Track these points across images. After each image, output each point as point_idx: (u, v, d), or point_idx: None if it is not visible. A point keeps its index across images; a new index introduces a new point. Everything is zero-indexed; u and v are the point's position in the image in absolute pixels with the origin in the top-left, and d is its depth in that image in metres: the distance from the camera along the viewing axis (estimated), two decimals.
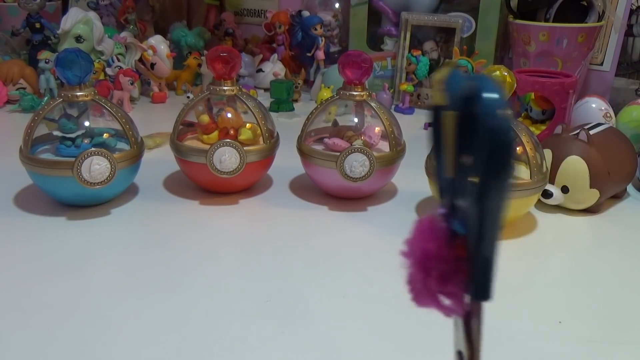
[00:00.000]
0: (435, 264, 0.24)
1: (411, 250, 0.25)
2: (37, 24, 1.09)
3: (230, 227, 0.60)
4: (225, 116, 0.65)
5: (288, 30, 1.18)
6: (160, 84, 1.10)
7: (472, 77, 0.22)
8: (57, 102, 0.60)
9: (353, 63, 0.63)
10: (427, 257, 0.24)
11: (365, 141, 0.65)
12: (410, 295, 0.26)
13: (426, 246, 0.24)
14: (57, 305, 0.45)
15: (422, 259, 0.24)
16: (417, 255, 0.24)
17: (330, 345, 0.41)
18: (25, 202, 0.63)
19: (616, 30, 1.01)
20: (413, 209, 0.65)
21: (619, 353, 0.42)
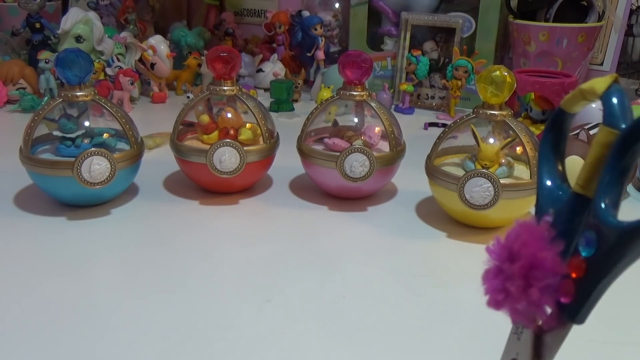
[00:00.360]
0: (544, 276, 0.23)
1: (514, 252, 0.23)
2: (37, 24, 1.09)
3: (230, 227, 0.60)
4: (225, 116, 0.65)
5: (288, 30, 1.18)
6: (160, 84, 1.10)
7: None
8: (57, 102, 0.60)
9: (353, 63, 0.63)
10: (537, 266, 0.23)
11: (365, 141, 0.65)
12: (488, 294, 0.25)
13: (540, 255, 0.23)
14: (57, 305, 0.45)
15: (530, 266, 0.23)
16: (524, 260, 0.23)
17: (330, 346, 0.41)
18: (25, 202, 0.63)
19: (616, 30, 1.01)
20: (413, 209, 0.65)
21: (619, 353, 0.42)
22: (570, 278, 0.23)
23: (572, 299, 0.23)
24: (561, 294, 0.23)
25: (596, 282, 0.22)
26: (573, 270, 0.23)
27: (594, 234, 0.23)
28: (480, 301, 0.43)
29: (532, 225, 0.24)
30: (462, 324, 0.44)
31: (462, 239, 0.58)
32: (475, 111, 0.58)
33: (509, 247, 0.24)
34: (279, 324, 0.43)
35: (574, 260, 0.23)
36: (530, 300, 0.23)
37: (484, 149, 0.58)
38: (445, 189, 0.58)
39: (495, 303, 0.24)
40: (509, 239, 0.24)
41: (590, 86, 0.24)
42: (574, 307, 0.23)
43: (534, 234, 0.23)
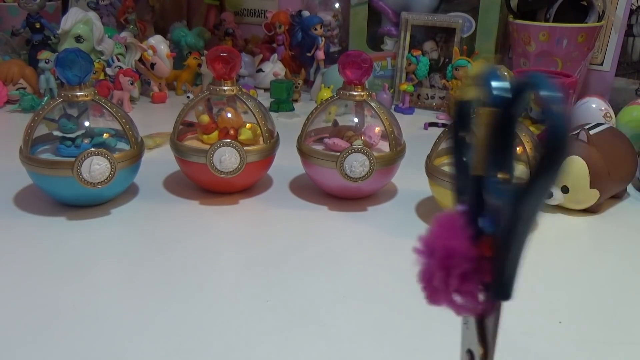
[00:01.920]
0: (458, 263, 0.24)
1: (430, 247, 0.24)
2: (37, 24, 1.09)
3: (230, 227, 0.60)
4: (225, 116, 0.65)
5: (288, 30, 1.18)
6: (160, 84, 1.10)
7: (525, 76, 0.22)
8: (57, 102, 0.60)
9: (353, 63, 0.63)
10: (450, 255, 0.24)
11: (365, 141, 0.65)
12: (424, 292, 0.25)
13: (450, 244, 0.24)
14: (56, 305, 0.45)
15: (445, 256, 0.24)
16: (438, 253, 0.24)
17: (330, 346, 0.41)
18: (25, 202, 0.63)
19: (616, 30, 1.01)
20: (413, 209, 0.65)
21: (619, 353, 0.42)
22: (486, 258, 0.24)
23: (493, 278, 0.24)
24: (483, 275, 0.24)
25: (505, 254, 0.23)
26: (485, 250, 0.24)
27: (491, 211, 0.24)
28: None
29: (444, 217, 0.25)
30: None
31: None
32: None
33: (427, 244, 0.25)
34: (279, 324, 0.43)
35: (482, 241, 0.24)
36: (454, 289, 0.24)
37: None
38: (445, 189, 0.58)
39: (432, 300, 0.25)
40: (427, 236, 0.25)
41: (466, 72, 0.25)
42: (495, 284, 0.24)
43: (445, 225, 0.24)
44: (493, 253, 0.23)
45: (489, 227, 0.24)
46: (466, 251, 0.24)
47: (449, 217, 0.25)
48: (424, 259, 0.25)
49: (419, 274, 0.25)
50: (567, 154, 0.20)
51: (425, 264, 0.25)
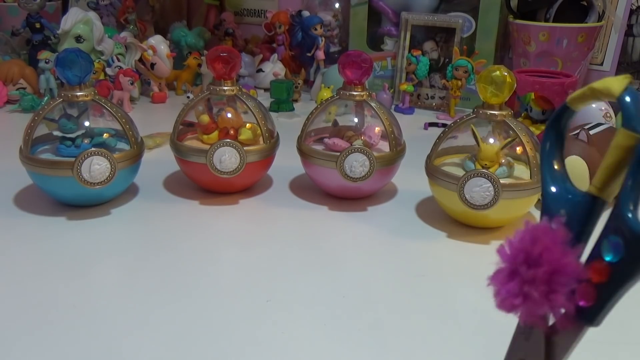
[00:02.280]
0: (567, 281, 0.23)
1: (532, 257, 0.23)
2: (37, 24, 1.09)
3: (230, 228, 0.60)
4: (225, 116, 0.65)
5: (288, 30, 1.18)
6: (160, 84, 1.10)
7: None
8: (57, 102, 0.60)
9: (353, 63, 0.63)
10: (560, 272, 0.23)
11: (365, 141, 0.65)
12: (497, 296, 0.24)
13: (564, 261, 0.23)
14: (56, 306, 0.45)
15: (553, 272, 0.23)
16: (547, 267, 0.23)
17: (330, 346, 0.41)
18: (25, 202, 0.63)
19: (616, 30, 1.02)
20: (413, 209, 0.65)
21: (619, 353, 0.42)
22: (591, 282, 0.23)
23: (593, 303, 0.23)
24: (581, 297, 0.23)
25: (619, 287, 0.23)
26: (595, 275, 0.23)
27: (620, 240, 0.23)
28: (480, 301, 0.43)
29: (549, 229, 0.23)
30: (462, 323, 0.44)
31: (462, 239, 0.58)
32: (475, 111, 0.58)
33: (526, 250, 0.23)
34: (279, 324, 0.43)
35: (596, 265, 0.23)
36: (553, 306, 0.23)
37: (484, 149, 0.58)
38: (445, 189, 0.58)
39: (511, 306, 0.24)
40: (525, 242, 0.23)
41: (605, 87, 0.24)
42: (593, 310, 0.23)
43: (554, 239, 0.23)
44: (605, 280, 0.23)
45: (611, 255, 0.23)
46: (578, 272, 0.23)
47: (553, 229, 0.23)
48: (515, 265, 0.24)
49: (497, 275, 0.24)
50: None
51: (516, 270, 0.23)
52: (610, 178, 0.24)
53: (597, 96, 0.25)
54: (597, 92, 0.25)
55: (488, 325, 0.43)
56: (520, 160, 0.61)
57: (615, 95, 0.23)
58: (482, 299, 0.47)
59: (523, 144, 0.57)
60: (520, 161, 0.61)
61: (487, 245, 0.57)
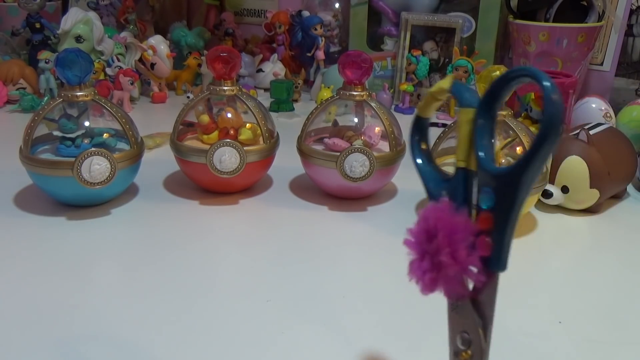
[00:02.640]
0: (464, 236, 0.25)
1: (430, 231, 0.26)
2: (37, 24, 1.08)
3: (230, 227, 0.60)
4: (225, 116, 0.65)
5: (288, 30, 1.18)
6: (160, 84, 1.10)
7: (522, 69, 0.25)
8: (57, 102, 0.60)
9: (353, 63, 0.63)
10: (455, 230, 0.25)
11: (365, 141, 0.65)
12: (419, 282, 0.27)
13: (454, 220, 0.26)
14: (56, 305, 0.45)
15: (451, 233, 0.25)
16: (443, 231, 0.25)
17: (330, 346, 0.41)
18: (25, 202, 0.63)
19: (616, 30, 1.01)
20: (413, 209, 0.65)
21: (619, 353, 0.42)
22: (483, 232, 0.26)
23: (492, 250, 0.26)
24: (481, 249, 0.26)
25: (504, 226, 0.25)
26: (483, 224, 0.26)
27: (489, 187, 0.26)
28: None
29: (436, 205, 0.27)
30: None
31: None
32: None
33: (424, 229, 0.26)
34: (279, 323, 0.43)
35: (481, 216, 0.26)
36: (460, 262, 0.25)
37: None
38: None
39: (430, 283, 0.27)
40: (421, 225, 0.27)
41: (438, 87, 0.29)
42: (495, 256, 0.26)
43: (442, 210, 0.26)
44: (492, 226, 0.26)
45: (487, 202, 0.26)
46: (470, 226, 0.26)
47: (437, 206, 0.27)
48: (422, 246, 0.26)
49: (412, 264, 0.27)
50: (559, 134, 0.23)
51: (424, 250, 0.26)
52: (469, 148, 0.28)
53: (435, 97, 0.30)
54: (435, 94, 0.29)
55: None
56: None
57: (446, 89, 0.28)
58: None
59: (523, 144, 0.57)
60: None
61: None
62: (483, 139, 0.27)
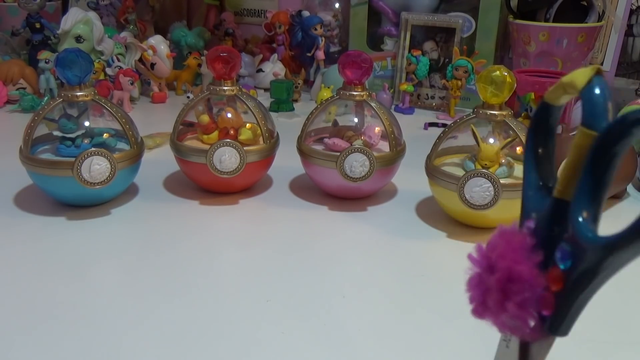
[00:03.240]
0: (520, 289, 0.22)
1: (492, 263, 0.22)
2: (37, 24, 1.09)
3: (230, 227, 0.60)
4: (225, 116, 0.65)
5: (288, 30, 1.18)
6: (160, 84, 1.10)
7: None
8: (57, 102, 0.60)
9: (353, 63, 0.63)
10: (514, 279, 0.22)
11: (365, 141, 0.65)
12: (471, 304, 0.24)
13: (516, 268, 0.22)
14: (56, 306, 0.45)
15: (507, 279, 0.22)
16: (501, 273, 0.22)
17: (329, 346, 0.41)
18: (25, 202, 0.63)
19: (616, 30, 1.02)
20: (413, 209, 0.65)
21: (619, 353, 0.42)
22: (550, 291, 0.22)
23: (553, 312, 0.22)
24: (542, 306, 0.22)
25: (575, 296, 0.21)
26: (551, 283, 0.22)
27: (569, 246, 0.21)
28: None
29: (511, 233, 0.23)
30: (462, 324, 0.44)
31: (462, 239, 0.58)
32: (475, 111, 0.58)
33: (488, 256, 0.23)
34: (279, 324, 0.43)
35: (552, 273, 0.22)
36: (509, 314, 0.22)
37: (484, 149, 0.58)
38: (445, 189, 0.58)
39: (478, 313, 0.23)
40: (489, 247, 0.23)
41: (571, 79, 0.22)
42: (555, 320, 0.22)
43: (512, 244, 0.22)
44: (561, 288, 0.21)
45: (562, 263, 0.22)
46: (533, 280, 0.22)
47: (516, 233, 0.23)
48: (481, 271, 0.23)
49: (470, 282, 0.23)
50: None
51: (481, 278, 0.23)
52: (572, 179, 0.22)
53: (565, 89, 0.23)
54: (565, 85, 0.23)
55: (487, 325, 0.43)
56: (520, 160, 0.61)
57: (578, 89, 0.21)
58: None
59: (523, 144, 0.56)
60: (520, 161, 0.61)
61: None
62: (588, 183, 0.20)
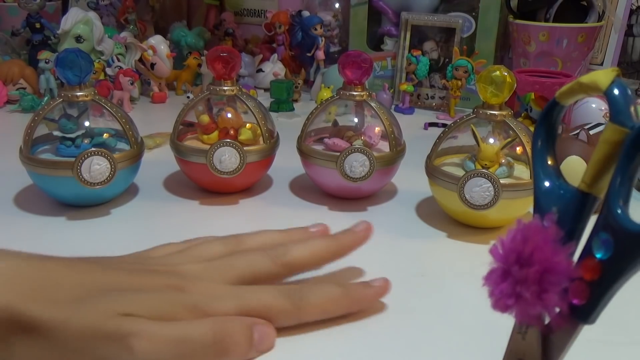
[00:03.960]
0: (559, 280, 0.22)
1: (523, 256, 0.23)
2: (37, 24, 1.08)
3: (230, 227, 0.60)
4: (225, 116, 0.65)
5: (288, 30, 1.18)
6: (160, 84, 1.10)
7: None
8: (57, 102, 0.60)
9: (353, 63, 0.63)
10: (551, 271, 0.22)
11: (365, 141, 0.65)
12: (492, 297, 0.24)
13: (555, 260, 0.22)
14: None
15: (544, 271, 0.22)
16: (537, 266, 0.22)
17: (329, 346, 0.41)
18: (25, 202, 0.63)
19: (616, 30, 1.02)
20: (413, 209, 0.65)
21: (619, 353, 0.42)
22: (583, 280, 0.23)
23: (586, 301, 0.23)
24: (574, 295, 0.23)
25: (611, 284, 0.22)
26: (586, 273, 0.23)
27: (609, 236, 0.22)
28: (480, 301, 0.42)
29: (539, 227, 0.23)
30: (462, 324, 0.44)
31: (462, 239, 0.58)
32: (475, 111, 0.58)
33: (518, 250, 0.23)
34: None
35: (587, 262, 0.23)
36: (546, 305, 0.23)
37: (484, 149, 0.58)
38: (445, 189, 0.58)
39: (505, 307, 0.24)
40: (516, 241, 0.23)
41: (592, 80, 0.23)
42: (587, 308, 0.23)
43: (545, 237, 0.23)
44: (597, 278, 0.23)
45: (601, 252, 0.23)
46: (570, 271, 0.23)
47: (544, 227, 0.23)
48: (507, 265, 0.23)
49: (490, 277, 0.24)
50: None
51: (509, 271, 0.23)
52: (600, 174, 0.23)
53: (585, 90, 0.25)
54: (585, 87, 0.24)
55: (488, 324, 0.43)
56: (520, 160, 0.61)
57: (602, 89, 0.23)
58: (482, 299, 0.47)
59: (523, 144, 0.57)
60: (520, 161, 0.61)
61: (487, 245, 0.57)
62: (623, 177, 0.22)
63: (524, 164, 0.60)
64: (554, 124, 0.27)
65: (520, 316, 0.24)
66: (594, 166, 0.24)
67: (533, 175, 0.28)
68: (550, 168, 0.27)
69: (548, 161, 0.28)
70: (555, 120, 0.27)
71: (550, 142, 0.28)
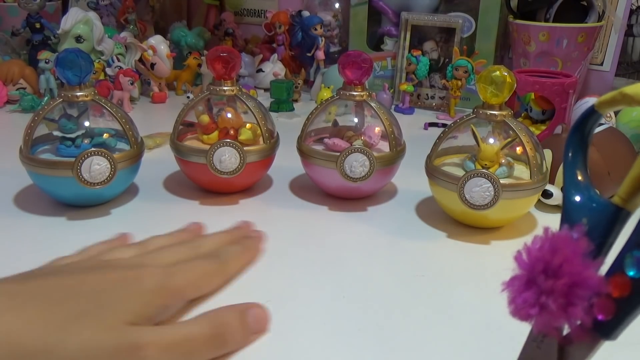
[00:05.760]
0: (587, 295, 0.22)
1: (551, 267, 0.22)
2: (37, 24, 1.09)
3: None
4: (225, 116, 0.65)
5: (288, 30, 1.18)
6: (160, 84, 1.10)
7: None
8: (57, 102, 0.60)
9: (353, 63, 0.63)
10: (581, 285, 0.22)
11: (365, 141, 0.65)
12: (511, 305, 0.23)
13: (585, 274, 0.22)
14: None
15: (573, 285, 0.22)
16: (566, 279, 0.22)
17: (330, 346, 0.41)
18: (25, 202, 0.63)
19: (616, 30, 1.02)
20: (413, 209, 0.65)
21: (619, 353, 0.42)
22: (610, 296, 0.23)
23: (611, 318, 0.23)
24: (599, 311, 0.23)
25: (637, 302, 0.22)
26: (615, 290, 0.23)
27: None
28: (481, 301, 0.42)
29: (570, 239, 0.23)
30: (462, 324, 0.44)
31: (462, 239, 0.58)
32: (475, 111, 0.58)
33: (545, 260, 0.23)
34: (279, 324, 0.43)
35: (617, 279, 0.23)
36: (570, 318, 0.22)
37: (484, 149, 0.58)
38: (445, 189, 0.58)
39: (526, 316, 0.23)
40: (544, 251, 0.23)
41: (636, 92, 0.24)
42: (611, 325, 0.23)
43: (575, 250, 0.22)
44: (625, 295, 0.22)
45: (634, 270, 0.22)
46: (599, 286, 0.22)
47: (574, 240, 0.23)
48: (533, 274, 0.23)
49: (513, 283, 0.24)
50: None
51: (534, 280, 0.23)
52: (637, 190, 0.23)
53: (628, 102, 0.25)
54: (629, 98, 0.24)
55: (488, 325, 0.43)
56: (520, 160, 0.61)
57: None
58: (482, 299, 0.47)
59: (523, 144, 0.57)
60: (520, 161, 0.61)
61: (487, 245, 0.57)
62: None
63: (524, 164, 0.60)
64: (588, 133, 0.28)
65: (541, 326, 0.23)
66: (631, 182, 0.24)
67: (564, 185, 0.27)
68: (581, 180, 0.27)
69: (578, 173, 0.28)
70: (590, 129, 0.27)
71: (582, 154, 0.28)
